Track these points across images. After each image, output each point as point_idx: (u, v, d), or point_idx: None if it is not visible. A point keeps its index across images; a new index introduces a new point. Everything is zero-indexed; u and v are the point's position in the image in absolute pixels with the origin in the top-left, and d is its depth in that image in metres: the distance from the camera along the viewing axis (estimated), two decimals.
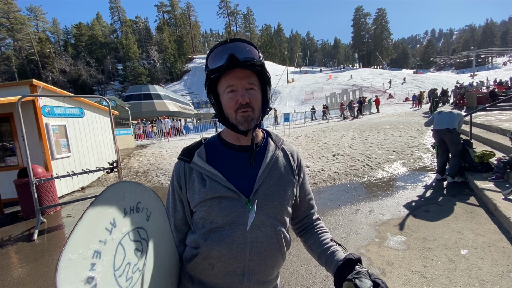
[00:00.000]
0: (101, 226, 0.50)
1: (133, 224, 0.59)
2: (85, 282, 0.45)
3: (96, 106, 8.26)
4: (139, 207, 0.62)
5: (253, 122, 0.79)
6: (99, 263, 0.48)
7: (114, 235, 0.53)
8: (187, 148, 0.87)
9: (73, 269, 0.43)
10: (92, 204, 0.50)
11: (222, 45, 0.77)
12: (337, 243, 0.88)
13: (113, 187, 0.56)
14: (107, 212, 0.52)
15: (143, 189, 0.65)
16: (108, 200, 0.53)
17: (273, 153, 0.86)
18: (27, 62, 53.79)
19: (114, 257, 0.52)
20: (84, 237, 0.47)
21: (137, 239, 0.60)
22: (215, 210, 0.77)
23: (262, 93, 0.83)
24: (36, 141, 5.96)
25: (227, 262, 0.77)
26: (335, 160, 6.95)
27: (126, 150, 11.14)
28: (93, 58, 59.03)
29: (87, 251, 0.46)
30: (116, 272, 0.52)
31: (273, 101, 41.03)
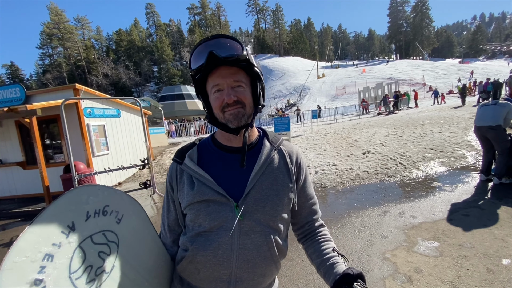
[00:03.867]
0: (56, 230, 0.50)
1: (97, 228, 0.59)
2: (32, 284, 0.45)
3: (131, 106, 8.83)
4: (107, 210, 0.62)
5: (243, 119, 0.75)
6: (50, 265, 0.48)
7: (72, 238, 0.53)
8: (181, 149, 0.85)
9: (18, 271, 0.44)
10: (46, 208, 0.50)
11: (203, 43, 0.74)
12: (340, 254, 0.81)
13: (74, 191, 0.56)
14: (64, 216, 0.52)
15: (113, 192, 0.65)
16: (67, 204, 0.54)
17: (267, 155, 0.81)
18: (75, 67, 59.46)
19: (71, 260, 0.52)
20: (35, 240, 0.47)
21: (103, 242, 0.60)
22: (203, 214, 0.75)
23: (253, 89, 0.79)
24: (79, 140, 6.56)
25: (212, 268, 0.74)
26: (365, 159, 6.61)
27: (159, 148, 11.78)
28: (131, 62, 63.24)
29: (36, 254, 0.47)
30: (73, 275, 0.52)
31: (302, 97, 40.23)
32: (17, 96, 6.73)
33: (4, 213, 6.10)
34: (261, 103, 0.81)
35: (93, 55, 61.46)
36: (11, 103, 6.58)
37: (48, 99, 6.31)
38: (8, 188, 7.29)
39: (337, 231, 3.39)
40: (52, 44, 59.26)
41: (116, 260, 0.62)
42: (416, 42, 73.25)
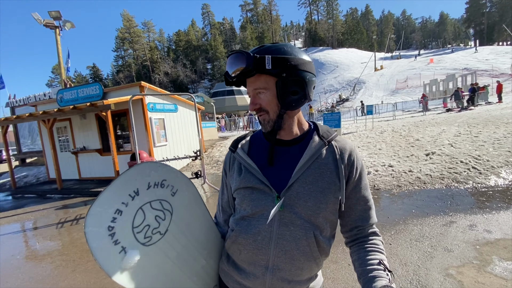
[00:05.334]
0: (125, 192, 0.63)
1: (155, 196, 0.70)
2: (106, 229, 0.59)
3: (187, 102, 9.51)
4: (164, 183, 0.72)
5: (268, 125, 0.79)
6: (119, 218, 0.61)
7: (136, 201, 0.65)
8: (236, 139, 0.92)
9: (98, 217, 0.58)
10: (120, 176, 0.63)
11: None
12: (386, 269, 0.74)
13: (140, 165, 0.67)
14: (132, 183, 0.64)
15: (170, 169, 0.75)
16: (134, 174, 0.65)
17: (315, 150, 0.78)
18: (141, 67, 66.65)
19: (134, 217, 0.64)
20: (110, 198, 0.60)
21: (159, 208, 0.71)
22: (247, 200, 0.80)
23: (277, 89, 0.75)
24: (143, 132, 7.37)
25: (251, 251, 0.78)
26: (428, 160, 5.88)
27: (210, 141, 12.46)
28: (188, 60, 67.94)
29: (110, 208, 0.60)
30: (135, 229, 0.65)
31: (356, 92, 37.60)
32: (96, 93, 7.87)
33: (85, 191, 7.27)
34: (287, 102, 0.76)
35: (156, 55, 67.91)
36: (92, 99, 7.73)
37: (119, 95, 7.22)
38: (89, 171, 8.64)
39: (390, 238, 3.11)
40: (124, 47, 67.36)
41: (169, 225, 0.73)
42: (503, 24, 61.26)
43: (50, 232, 4.69)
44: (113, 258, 0.59)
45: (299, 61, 0.75)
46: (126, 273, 0.61)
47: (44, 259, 3.65)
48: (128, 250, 0.62)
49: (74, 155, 8.72)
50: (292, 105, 0.77)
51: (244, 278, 0.82)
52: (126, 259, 0.61)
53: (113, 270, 0.59)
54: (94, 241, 0.55)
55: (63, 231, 4.64)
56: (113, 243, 0.59)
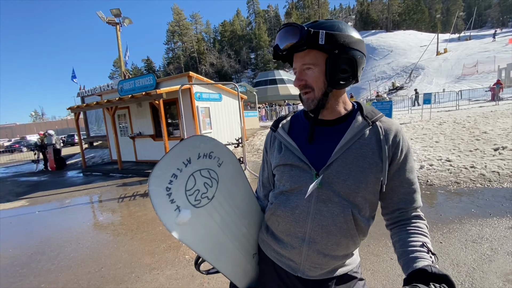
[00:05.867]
0: (180, 160, 0.72)
1: (204, 165, 0.78)
2: (164, 189, 0.68)
3: (230, 91, 9.79)
4: (212, 155, 0.80)
5: (312, 103, 0.79)
6: (175, 181, 0.70)
7: (188, 168, 0.74)
8: (277, 119, 0.97)
9: (158, 179, 0.67)
10: (176, 145, 0.71)
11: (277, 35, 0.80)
12: (430, 251, 0.71)
13: (192, 137, 0.75)
14: (185, 152, 0.73)
15: (217, 143, 0.82)
16: (187, 145, 0.74)
17: (358, 130, 0.78)
18: (189, 59, 70.03)
19: (186, 182, 0.74)
20: (168, 164, 0.69)
21: (207, 176, 0.79)
22: (286, 176, 0.84)
23: (326, 67, 0.75)
24: (190, 119, 7.86)
25: (289, 223, 0.83)
26: (496, 156, 5.14)
27: (252, 129, 12.70)
28: (232, 50, 69.12)
29: (168, 172, 0.69)
30: (187, 192, 0.74)
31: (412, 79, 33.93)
32: (150, 83, 8.59)
33: (141, 172, 8.13)
34: (335, 80, 0.76)
35: (203, 46, 70.52)
36: (147, 88, 8.47)
37: (170, 85, 7.78)
38: (144, 154, 9.60)
39: (442, 236, 2.86)
40: (174, 39, 71.39)
41: (215, 192, 0.82)
42: None
43: (112, 205, 5.41)
44: (169, 214, 0.69)
45: (352, 39, 0.75)
46: (179, 228, 0.71)
47: (107, 227, 4.25)
48: (181, 209, 0.71)
49: (132, 139, 9.75)
50: (339, 84, 0.76)
51: (282, 248, 0.88)
52: (180, 217, 0.71)
53: (169, 225, 0.69)
54: (156, 198, 0.66)
55: (123, 205, 5.31)
56: (170, 202, 0.69)
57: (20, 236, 4.23)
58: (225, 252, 0.90)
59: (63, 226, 4.51)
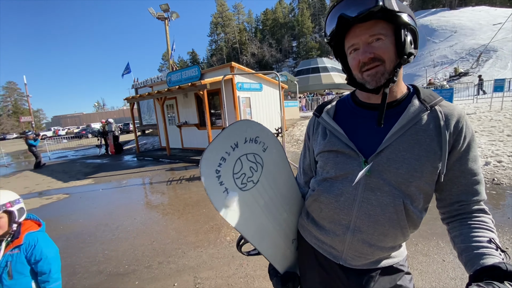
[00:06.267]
0: (228, 144, 0.75)
1: (250, 150, 0.81)
2: (214, 172, 0.72)
3: (271, 81, 9.73)
4: (257, 139, 0.82)
5: (383, 77, 0.70)
6: (223, 164, 0.74)
7: (236, 152, 0.77)
8: (321, 105, 0.94)
9: (209, 162, 0.71)
10: (224, 129, 0.74)
11: (334, 6, 0.73)
12: (499, 248, 0.64)
13: (239, 122, 0.77)
14: (233, 136, 0.76)
15: (262, 128, 0.84)
16: (234, 130, 0.76)
17: (414, 115, 0.72)
18: (231, 50, 71.11)
19: (234, 165, 0.77)
20: (217, 147, 0.73)
21: (253, 161, 0.82)
22: (330, 163, 0.82)
23: (397, 38, 0.70)
24: (232, 109, 8.07)
25: (333, 210, 0.81)
26: None
27: (292, 120, 12.52)
28: (274, 39, 68.14)
29: (218, 155, 0.73)
30: (235, 175, 0.77)
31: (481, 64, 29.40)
32: (195, 74, 8.99)
33: (186, 158, 8.68)
34: (406, 52, 0.69)
35: (245, 37, 70.86)
36: (192, 79, 8.89)
37: (213, 76, 8.04)
38: (189, 141, 10.20)
39: (508, 241, 2.51)
40: (217, 31, 73.01)
41: (260, 176, 0.84)
42: None
43: (162, 187, 5.91)
44: (218, 196, 0.73)
45: (409, 10, 0.71)
46: (227, 209, 0.75)
47: (158, 207, 4.68)
48: (229, 192, 0.75)
49: (178, 128, 10.41)
50: (411, 56, 0.71)
51: (323, 235, 0.87)
52: (228, 198, 0.75)
53: (218, 205, 0.73)
54: (206, 180, 0.70)
55: (171, 188, 5.77)
56: (219, 184, 0.73)
57: (88, 209, 4.91)
58: (266, 235, 0.93)
59: (121, 203, 5.10)
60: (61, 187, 6.77)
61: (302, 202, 1.02)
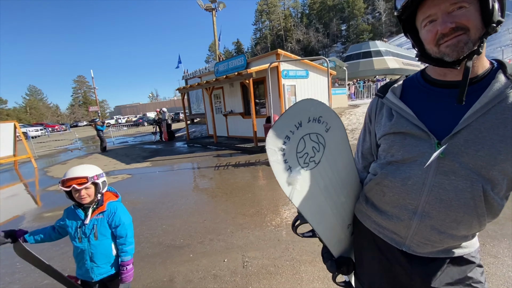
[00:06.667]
0: (292, 123, 0.75)
1: (313, 129, 0.80)
2: (279, 149, 0.73)
3: (318, 67, 9.37)
4: (320, 119, 0.81)
5: (466, 47, 0.64)
6: (288, 142, 0.75)
7: (299, 131, 0.77)
8: (385, 85, 0.89)
9: (274, 139, 0.73)
10: (289, 108, 0.75)
11: None
12: None
13: (303, 101, 0.77)
14: (297, 115, 0.76)
15: (326, 108, 0.82)
16: (299, 108, 0.76)
17: (499, 92, 0.64)
18: (276, 37, 69.92)
19: (297, 144, 0.77)
20: (282, 125, 0.74)
21: (315, 141, 0.82)
22: (397, 145, 0.77)
23: (482, 5, 0.62)
24: (276, 98, 8.04)
25: (398, 194, 0.77)
26: None
27: (339, 108, 11.93)
28: (321, 24, 64.84)
29: (282, 134, 0.74)
30: (298, 154, 0.78)
31: None
32: (241, 64, 9.13)
33: (232, 145, 9.01)
34: (495, 20, 0.62)
35: (290, 23, 68.89)
36: (238, 69, 9.06)
37: (259, 64, 8.07)
38: (234, 130, 10.54)
39: None
40: (262, 19, 72.32)
41: (322, 157, 0.84)
42: None
43: (210, 172, 6.27)
44: (282, 173, 0.76)
45: None
46: (290, 187, 0.78)
47: (207, 189, 5.00)
48: (293, 170, 0.78)
49: (224, 117, 10.81)
50: (499, 25, 0.63)
51: (384, 220, 0.84)
52: (291, 176, 0.77)
53: (282, 181, 0.76)
54: (272, 156, 0.73)
55: (218, 173, 6.09)
56: (284, 162, 0.76)
57: (147, 188, 5.50)
58: (324, 218, 0.94)
59: (175, 184, 5.59)
60: (124, 168, 7.68)
61: (360, 187, 1.00)
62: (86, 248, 1.55)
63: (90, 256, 1.56)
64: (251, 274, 2.37)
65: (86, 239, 1.55)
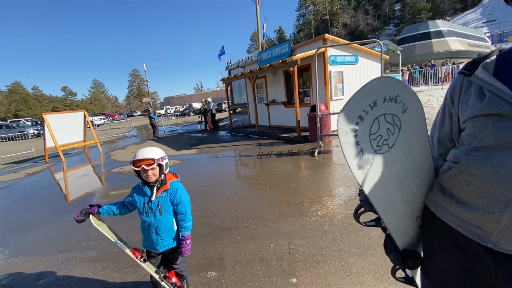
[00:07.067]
0: (366, 102, 0.71)
1: (389, 110, 0.74)
2: (351, 130, 0.70)
3: (369, 52, 8.70)
4: (397, 99, 0.74)
5: None
6: (360, 123, 0.71)
7: (374, 111, 0.72)
8: (473, 61, 0.79)
9: (346, 119, 0.70)
10: (363, 86, 0.70)
11: None
12: None
13: (378, 79, 0.72)
14: (371, 94, 0.71)
15: (404, 86, 0.75)
16: (374, 86, 0.71)
17: None
18: (320, 22, 66.57)
19: (371, 125, 0.73)
20: (355, 104, 0.70)
21: (390, 122, 0.75)
22: (489, 129, 0.68)
23: None
24: (322, 85, 7.73)
25: (487, 184, 0.69)
26: None
27: None
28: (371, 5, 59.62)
29: (355, 113, 0.70)
30: (371, 136, 0.73)
31: None
32: (285, 51, 8.94)
33: (273, 135, 9.02)
34: None
35: (336, 6, 64.75)
36: (282, 56, 8.90)
37: (304, 51, 7.81)
38: (276, 119, 10.50)
39: None
40: (306, 4, 69.33)
41: (396, 141, 0.78)
42: None
43: (253, 160, 6.39)
44: (353, 155, 0.73)
45: None
46: (360, 170, 0.74)
47: (251, 177, 5.11)
48: (364, 152, 0.74)
49: (266, 106, 10.81)
50: None
51: (466, 212, 0.75)
52: (363, 159, 0.73)
53: (353, 165, 0.73)
54: (344, 137, 0.70)
55: (261, 161, 6.17)
56: (356, 143, 0.72)
57: (196, 173, 5.86)
58: (392, 206, 0.88)
59: (221, 170, 5.84)
60: (175, 154, 8.27)
61: (433, 176, 0.92)
62: (152, 222, 1.73)
63: (156, 230, 1.74)
64: (297, 261, 2.39)
65: (152, 214, 1.72)
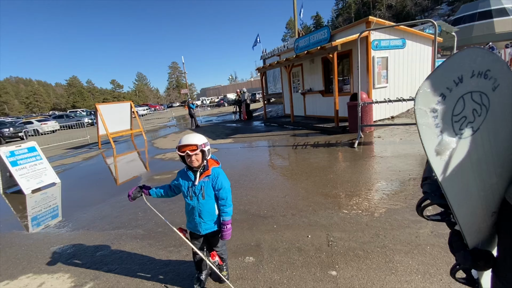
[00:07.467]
0: (450, 77, 0.61)
1: (477, 87, 0.64)
2: (431, 110, 0.62)
3: (419, 34, 7.88)
4: (488, 74, 0.64)
5: None
6: (442, 102, 0.62)
7: (459, 88, 0.62)
8: None
9: (426, 98, 0.61)
10: (447, 59, 0.60)
11: None
12: None
13: (467, 50, 0.61)
14: (457, 68, 0.61)
15: (497, 59, 0.64)
16: (461, 59, 0.61)
17: None
18: (361, 5, 62.00)
19: (455, 104, 0.63)
20: (437, 81, 0.61)
21: (478, 102, 0.65)
22: None
23: None
24: (364, 72, 7.23)
25: None
26: None
27: None
28: None
29: (437, 91, 0.61)
30: (454, 118, 0.64)
31: None
32: (324, 37, 8.52)
33: (309, 125, 8.77)
34: None
35: None
36: (321, 43, 8.50)
37: (344, 36, 7.34)
38: (312, 109, 10.18)
39: None
40: None
41: (482, 124, 0.67)
42: None
43: (288, 150, 6.30)
44: (431, 138, 0.64)
45: None
46: (437, 156, 0.65)
47: (286, 167, 5.05)
48: (444, 136, 0.64)
49: (302, 95, 10.51)
50: None
51: None
52: (441, 144, 0.64)
53: (429, 148, 0.64)
54: (421, 118, 0.62)
55: (296, 151, 6.06)
56: (435, 126, 0.63)
57: (232, 161, 5.97)
58: (468, 199, 0.76)
59: (256, 160, 5.87)
60: (212, 143, 8.53)
61: None
62: (195, 205, 1.79)
63: (199, 213, 1.79)
64: (337, 253, 2.30)
65: (195, 198, 1.78)
